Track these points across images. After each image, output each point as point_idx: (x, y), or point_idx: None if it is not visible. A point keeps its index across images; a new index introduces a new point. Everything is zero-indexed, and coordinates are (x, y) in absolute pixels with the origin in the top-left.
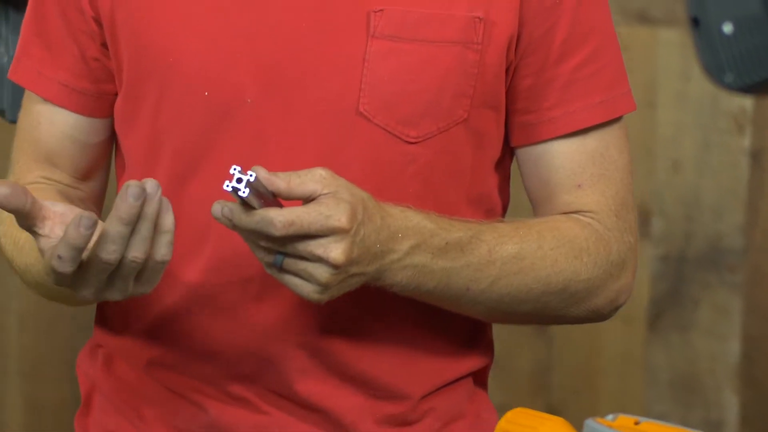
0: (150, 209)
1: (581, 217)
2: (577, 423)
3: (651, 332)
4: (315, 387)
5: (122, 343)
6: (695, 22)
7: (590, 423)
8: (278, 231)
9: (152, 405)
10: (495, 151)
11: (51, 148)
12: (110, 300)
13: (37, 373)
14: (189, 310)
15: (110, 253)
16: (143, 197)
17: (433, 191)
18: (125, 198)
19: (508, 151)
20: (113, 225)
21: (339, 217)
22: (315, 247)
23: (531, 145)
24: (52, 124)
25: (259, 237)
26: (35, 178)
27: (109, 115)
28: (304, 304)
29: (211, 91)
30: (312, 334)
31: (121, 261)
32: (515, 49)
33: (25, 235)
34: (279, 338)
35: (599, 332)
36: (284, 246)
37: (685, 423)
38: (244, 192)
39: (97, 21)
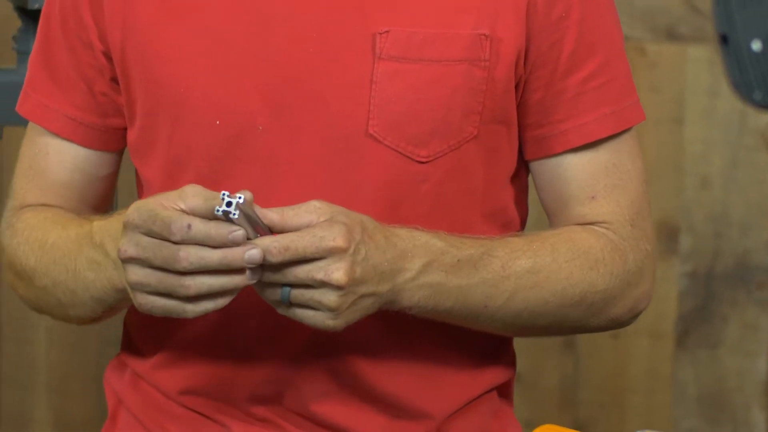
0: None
1: (596, 228)
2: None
3: (679, 349)
4: (336, 408)
5: (147, 366)
6: (724, 40)
7: None
8: (275, 257)
9: (177, 423)
10: (509, 165)
11: (59, 179)
12: (127, 278)
13: (65, 388)
14: (212, 335)
15: (182, 260)
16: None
17: (446, 209)
18: (242, 256)
19: (524, 164)
20: (213, 256)
21: (333, 237)
22: (315, 271)
23: (544, 158)
24: (61, 156)
25: (260, 272)
26: (42, 203)
27: (118, 148)
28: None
29: (222, 119)
30: (333, 356)
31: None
32: (524, 64)
33: (55, 234)
34: (300, 360)
35: (627, 348)
36: (285, 276)
37: None
38: (234, 214)
39: (107, 55)
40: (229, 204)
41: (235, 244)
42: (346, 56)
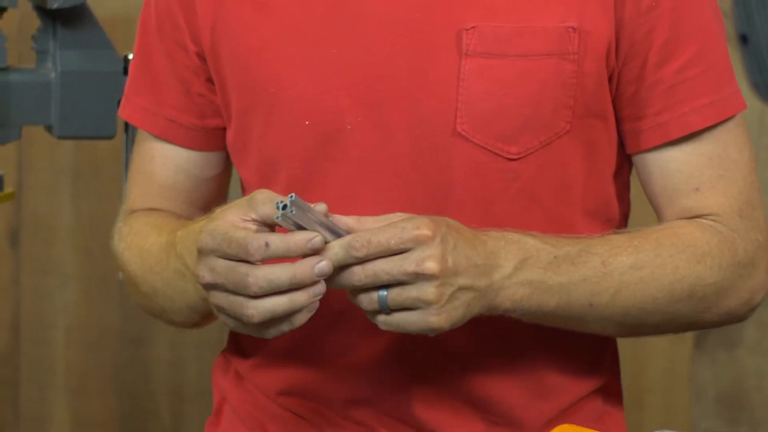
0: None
1: (702, 221)
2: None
3: (698, 349)
4: (433, 413)
5: (247, 365)
6: (744, 40)
7: None
8: (359, 251)
9: (275, 423)
10: (609, 160)
11: (165, 181)
12: (210, 301)
13: (83, 389)
14: (311, 338)
15: (255, 285)
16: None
17: (541, 207)
18: (312, 269)
19: (626, 159)
20: (282, 276)
21: (417, 226)
22: (406, 263)
23: (644, 151)
24: (165, 159)
25: (350, 277)
26: (150, 207)
27: (220, 148)
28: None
29: (312, 119)
30: (432, 360)
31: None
32: (615, 56)
33: (151, 240)
34: (398, 364)
35: (646, 349)
36: (376, 276)
37: None
38: (292, 210)
39: (201, 56)
40: (284, 207)
41: (315, 251)
42: (433, 53)
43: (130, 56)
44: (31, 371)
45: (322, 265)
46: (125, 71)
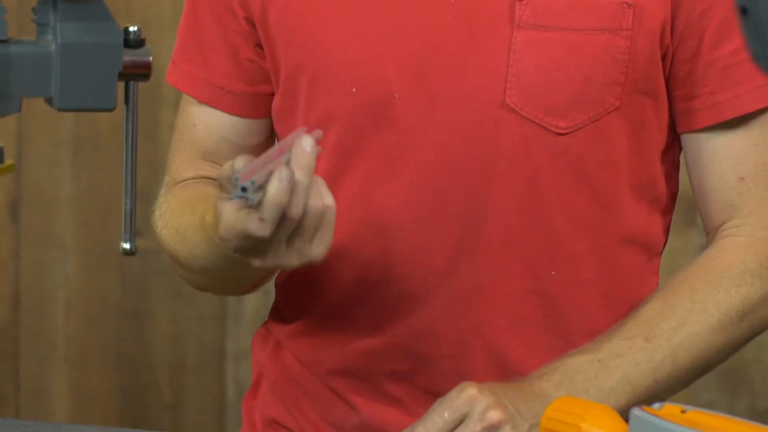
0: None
1: (734, 238)
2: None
3: None
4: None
5: (287, 332)
6: (743, 12)
7: (636, 411)
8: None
9: (310, 399)
10: (658, 139)
11: (208, 149)
12: (286, 268)
13: (83, 362)
14: (347, 309)
15: (294, 205)
16: (315, 148)
17: (587, 182)
18: (304, 149)
19: (677, 139)
20: (298, 176)
21: (460, 389)
22: (472, 424)
23: (695, 132)
24: (207, 126)
25: None
26: (192, 176)
27: (266, 116)
28: (461, 303)
29: (359, 87)
30: (467, 334)
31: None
32: (671, 35)
33: (185, 221)
34: (435, 337)
35: None
36: None
37: (731, 412)
38: (252, 182)
39: (250, 21)
40: (244, 189)
41: (291, 180)
42: (484, 24)
43: (131, 29)
44: (31, 344)
45: (306, 140)
46: (126, 43)
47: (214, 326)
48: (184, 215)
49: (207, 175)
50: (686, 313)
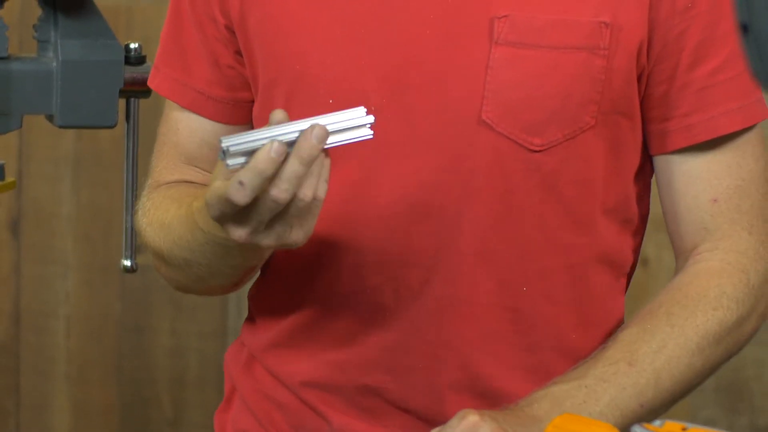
0: (321, 150)
1: (708, 263)
2: (624, 428)
3: None
4: (441, 403)
5: (261, 344)
6: (744, 29)
7: (637, 429)
8: None
9: (282, 411)
10: (632, 159)
11: (191, 154)
12: (262, 246)
13: (84, 377)
14: (320, 321)
15: (283, 192)
16: (325, 140)
17: (561, 200)
18: (309, 139)
19: (649, 160)
20: (292, 164)
21: (461, 416)
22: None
23: (668, 153)
24: (190, 131)
25: None
26: (176, 179)
27: (247, 122)
28: (433, 316)
29: (336, 98)
30: (440, 348)
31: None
32: (647, 55)
33: (171, 214)
34: (407, 350)
35: None
36: None
37: (731, 429)
38: (228, 148)
39: (230, 29)
40: (224, 152)
41: (281, 154)
42: (463, 40)
43: (132, 45)
44: (32, 359)
45: (317, 131)
46: (127, 61)
47: (215, 341)
48: (170, 209)
49: (190, 179)
50: (665, 337)
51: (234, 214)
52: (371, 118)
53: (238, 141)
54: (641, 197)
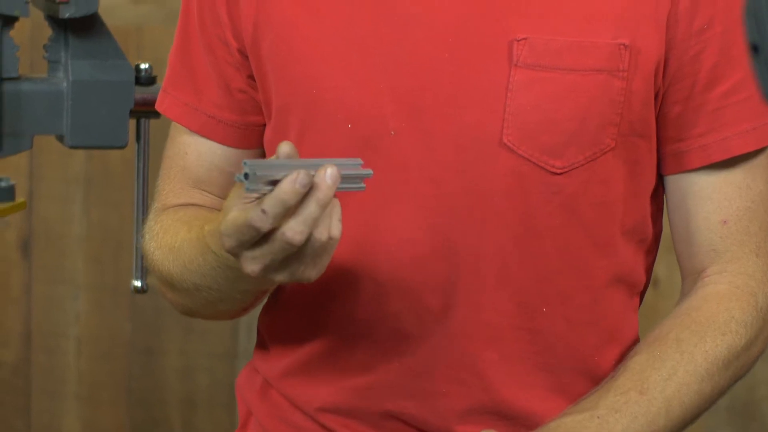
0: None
1: (717, 286)
2: None
3: None
4: (468, 427)
5: (276, 372)
6: (754, 50)
7: None
8: None
9: None
10: (650, 179)
11: (199, 177)
12: (275, 281)
13: (94, 398)
14: (339, 347)
15: (298, 234)
16: (338, 183)
17: (581, 222)
18: (325, 180)
19: (661, 180)
20: (309, 206)
21: None
22: None
23: (680, 173)
24: (199, 154)
25: None
26: (183, 203)
27: (258, 146)
28: (455, 340)
29: (354, 122)
30: (462, 371)
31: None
32: (663, 76)
33: (180, 237)
34: (429, 375)
35: None
36: None
37: None
38: (255, 173)
39: (242, 52)
40: (246, 176)
41: (306, 186)
42: (482, 62)
43: (143, 66)
44: (43, 380)
45: (331, 172)
46: (137, 81)
47: (225, 363)
48: (180, 232)
49: (198, 202)
50: (675, 364)
51: (249, 248)
52: (370, 172)
53: (261, 166)
54: (655, 217)
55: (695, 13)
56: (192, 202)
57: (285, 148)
